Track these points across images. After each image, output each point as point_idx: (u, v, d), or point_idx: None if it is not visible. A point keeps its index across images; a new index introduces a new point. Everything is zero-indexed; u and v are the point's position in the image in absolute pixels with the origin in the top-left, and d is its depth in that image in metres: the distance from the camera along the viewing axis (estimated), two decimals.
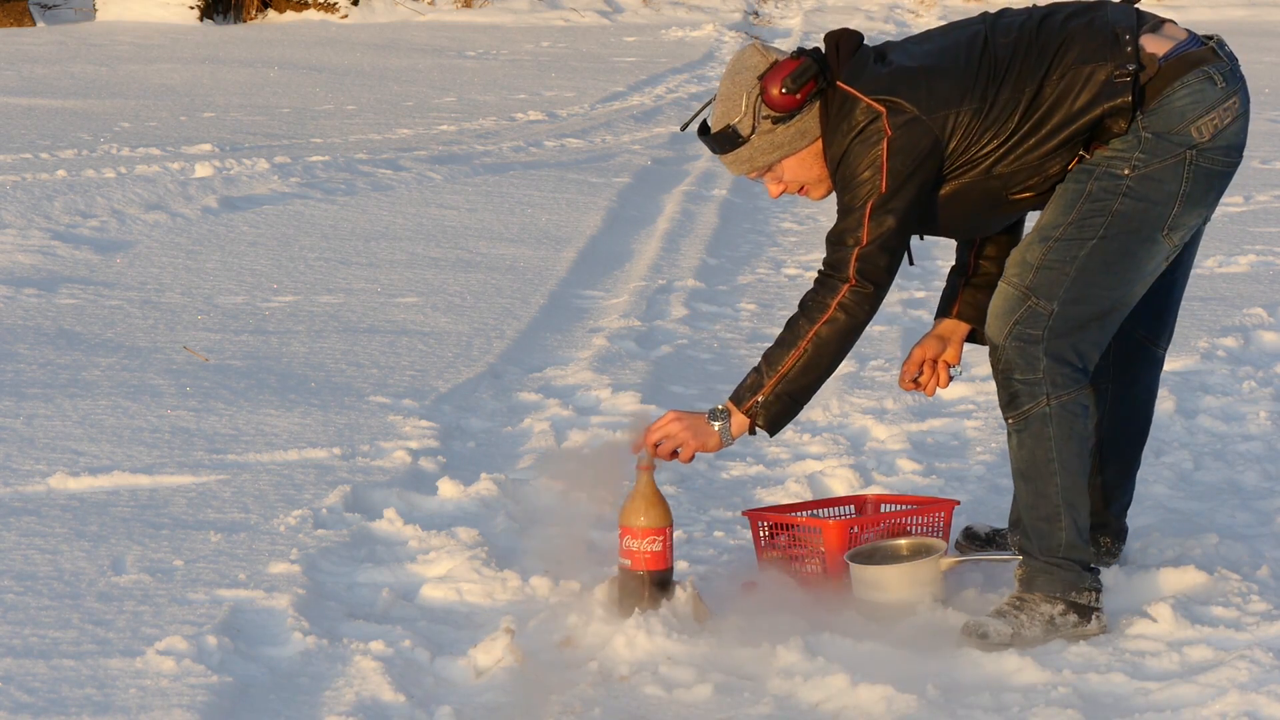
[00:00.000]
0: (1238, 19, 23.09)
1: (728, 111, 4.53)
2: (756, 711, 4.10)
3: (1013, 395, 4.48)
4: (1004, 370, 4.48)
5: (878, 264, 4.45)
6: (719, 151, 4.56)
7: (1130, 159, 4.44)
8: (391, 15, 23.93)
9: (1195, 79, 4.44)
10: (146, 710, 3.84)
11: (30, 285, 8.16)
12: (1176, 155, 4.44)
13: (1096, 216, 4.44)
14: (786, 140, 4.51)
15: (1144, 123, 4.43)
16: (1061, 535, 4.51)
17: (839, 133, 4.46)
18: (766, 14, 25.38)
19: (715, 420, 4.56)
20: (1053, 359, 4.45)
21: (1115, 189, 4.44)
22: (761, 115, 4.48)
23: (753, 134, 4.50)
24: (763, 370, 4.52)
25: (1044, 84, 4.43)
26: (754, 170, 4.56)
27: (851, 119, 4.44)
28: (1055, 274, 4.44)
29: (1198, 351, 7.25)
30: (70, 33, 21.27)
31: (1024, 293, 4.45)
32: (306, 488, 5.40)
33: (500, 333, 7.59)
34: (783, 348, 4.50)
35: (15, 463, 5.57)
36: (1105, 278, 4.46)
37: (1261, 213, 10.84)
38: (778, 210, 11.31)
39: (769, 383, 4.51)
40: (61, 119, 13.84)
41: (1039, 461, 4.50)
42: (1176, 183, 4.45)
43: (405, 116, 14.84)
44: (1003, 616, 4.47)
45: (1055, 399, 4.46)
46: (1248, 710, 4.02)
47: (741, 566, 4.98)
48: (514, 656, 4.25)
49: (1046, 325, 4.44)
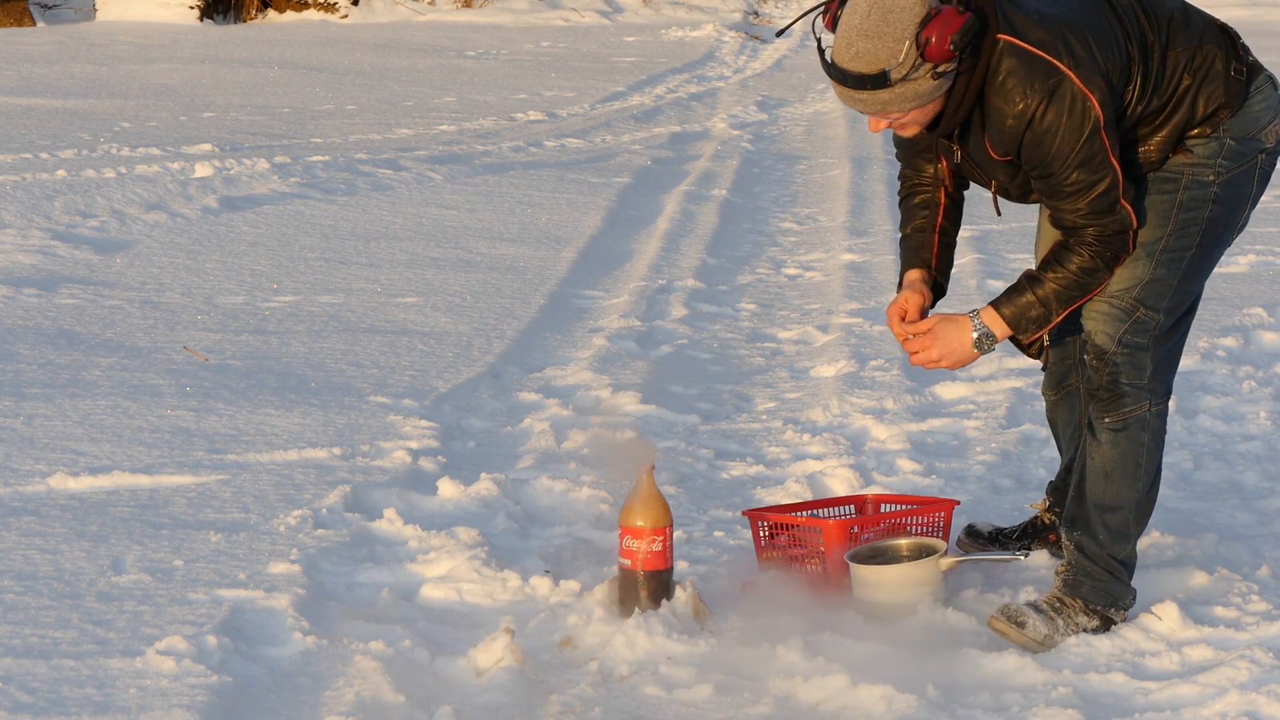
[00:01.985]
0: (1238, 19, 23.09)
1: (883, 54, 4.21)
2: (756, 711, 4.10)
3: (1118, 396, 4.48)
4: (1111, 373, 4.48)
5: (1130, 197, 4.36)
6: (856, 88, 4.25)
7: (1214, 165, 4.47)
8: (391, 15, 23.93)
9: (1266, 85, 4.51)
10: (146, 710, 3.84)
11: (30, 285, 8.16)
12: (1251, 160, 4.50)
13: (1192, 226, 4.48)
14: (929, 90, 4.27)
15: (1225, 128, 4.46)
16: (1131, 541, 4.54)
17: (1010, 86, 4.26)
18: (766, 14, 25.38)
19: (984, 349, 4.49)
20: (1157, 365, 4.50)
21: (1205, 197, 4.48)
22: (922, 67, 4.21)
23: (904, 80, 4.23)
24: (1052, 306, 4.41)
25: (1167, 54, 4.40)
26: (887, 114, 4.33)
27: (1031, 74, 4.24)
28: (1162, 285, 4.47)
29: (1198, 351, 7.25)
30: (70, 33, 21.27)
31: (1132, 304, 4.47)
32: (306, 488, 5.40)
33: (500, 333, 7.59)
34: (1077, 290, 4.40)
35: (15, 463, 5.57)
36: (1196, 284, 4.55)
37: (1261, 213, 10.77)
38: (778, 210, 11.31)
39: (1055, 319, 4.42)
40: (61, 119, 13.85)
41: (1128, 464, 4.51)
42: (1249, 186, 4.53)
43: (405, 116, 14.84)
44: (1042, 613, 4.47)
45: (1156, 406, 4.50)
46: (1248, 710, 4.02)
47: (741, 566, 4.98)
48: (514, 656, 4.25)
49: (1153, 334, 4.48)
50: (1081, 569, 4.53)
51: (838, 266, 9.31)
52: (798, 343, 7.80)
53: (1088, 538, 4.54)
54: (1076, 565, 4.55)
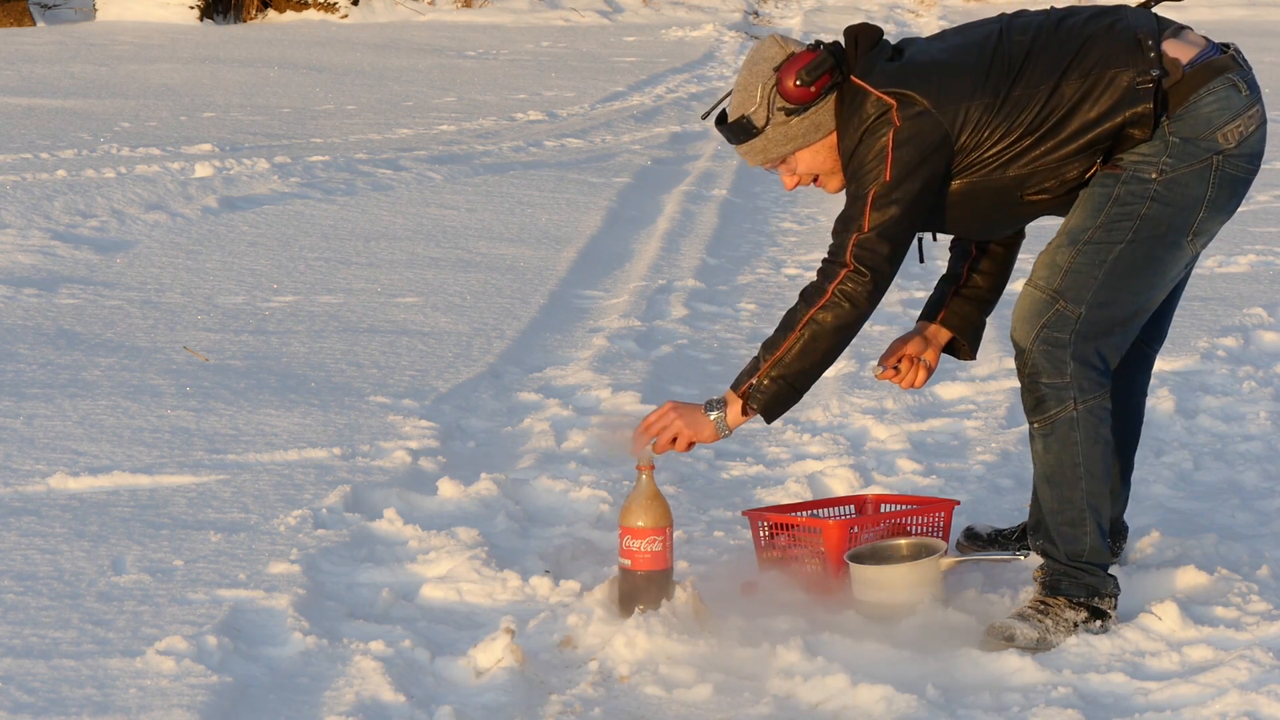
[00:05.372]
0: (1238, 19, 23.10)
1: (743, 102, 4.52)
2: (756, 711, 4.10)
3: (1039, 399, 4.47)
4: (1030, 374, 4.47)
5: (877, 251, 4.42)
6: (734, 142, 4.55)
7: (1158, 163, 4.43)
8: (391, 15, 23.93)
9: (1221, 85, 4.44)
10: (146, 710, 3.84)
11: (30, 285, 8.16)
12: (1203, 160, 4.44)
13: (1125, 220, 4.44)
14: (800, 133, 4.50)
15: (1171, 128, 4.43)
16: (1086, 540, 4.51)
17: (850, 126, 4.46)
18: (766, 14, 25.38)
19: (712, 410, 4.55)
20: (1079, 362, 4.44)
21: (1143, 193, 4.44)
22: (776, 107, 4.48)
23: (767, 125, 4.49)
24: (760, 356, 4.51)
25: (1062, 83, 4.42)
26: (768, 161, 4.56)
27: (862, 112, 4.43)
28: (1084, 277, 4.44)
29: (1198, 351, 7.25)
30: (70, 33, 21.26)
31: (1052, 296, 4.44)
32: (306, 488, 5.40)
33: (500, 333, 7.59)
34: (780, 332, 4.48)
35: (15, 463, 5.57)
36: (1132, 282, 4.46)
37: (1261, 213, 10.84)
38: (778, 210, 11.31)
39: (764, 366, 4.48)
40: (61, 119, 13.85)
41: (1065, 466, 4.49)
42: (1203, 188, 4.45)
43: (405, 116, 14.84)
44: (1027, 620, 4.46)
45: (1082, 403, 4.46)
46: (1248, 710, 4.02)
47: (741, 566, 4.98)
48: (514, 656, 4.25)
49: (1074, 329, 4.44)
50: (1055, 570, 4.55)
51: None
52: None
53: (1049, 544, 4.55)
54: (1049, 567, 4.56)
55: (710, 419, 4.55)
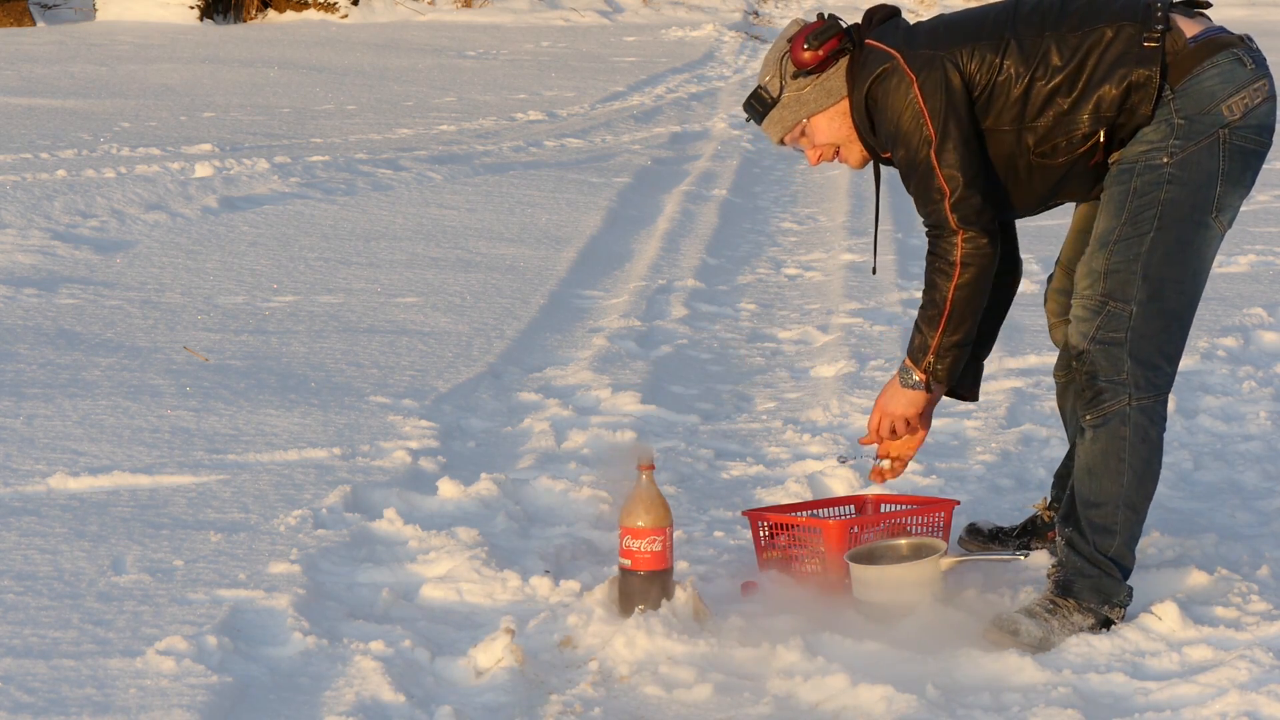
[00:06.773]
0: (1238, 19, 23.10)
1: (762, 75, 4.72)
2: (756, 711, 4.10)
3: (1096, 394, 4.49)
4: (1089, 372, 4.49)
5: (973, 206, 4.51)
6: (757, 118, 4.72)
7: (1166, 147, 4.46)
8: (391, 15, 23.94)
9: (1225, 59, 4.47)
10: (146, 710, 3.84)
11: (30, 285, 8.16)
12: (1210, 135, 4.46)
13: (1148, 210, 4.47)
14: (813, 98, 4.65)
15: (1175, 106, 4.46)
16: (1116, 537, 4.51)
17: (859, 80, 4.59)
18: (766, 14, 25.38)
19: (908, 384, 4.71)
20: (1135, 360, 4.46)
21: (1159, 179, 4.46)
22: (790, 75, 4.64)
23: (782, 93, 4.67)
24: (924, 331, 4.63)
25: (1071, 33, 4.49)
26: (786, 132, 4.70)
27: (869, 67, 4.57)
28: (1125, 274, 4.46)
29: (1198, 351, 7.25)
30: (70, 33, 21.27)
31: (1101, 300, 4.47)
32: (306, 488, 5.40)
33: (500, 333, 7.59)
34: (931, 309, 4.60)
35: (15, 463, 5.57)
36: (1171, 269, 4.48)
37: (1262, 213, 10.84)
38: (778, 210, 11.31)
39: (933, 343, 4.62)
40: (61, 119, 13.85)
41: (1110, 459, 4.50)
42: (1214, 162, 4.47)
43: (405, 116, 14.84)
44: (1034, 618, 4.46)
45: (1136, 400, 4.48)
46: (1248, 710, 4.02)
47: (741, 566, 4.98)
48: (514, 656, 4.25)
49: (1129, 326, 4.46)
50: (1073, 567, 4.53)
51: (838, 266, 9.31)
52: (798, 343, 7.80)
53: (1077, 534, 4.55)
54: (1068, 564, 4.55)
55: (911, 392, 4.72)
